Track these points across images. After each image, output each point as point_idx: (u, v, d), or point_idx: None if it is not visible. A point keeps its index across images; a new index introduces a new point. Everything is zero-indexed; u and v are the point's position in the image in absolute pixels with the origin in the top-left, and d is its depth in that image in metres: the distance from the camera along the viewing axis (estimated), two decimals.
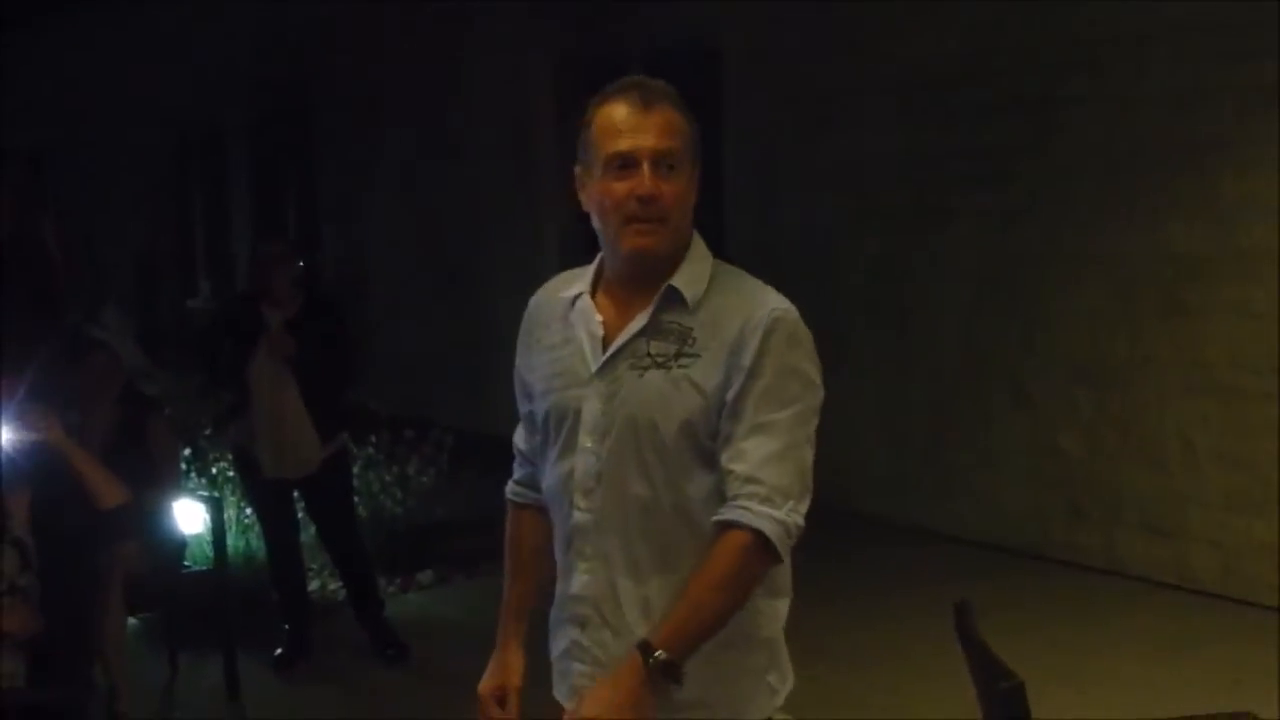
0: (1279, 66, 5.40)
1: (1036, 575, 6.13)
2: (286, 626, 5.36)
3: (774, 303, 2.20)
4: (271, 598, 5.50)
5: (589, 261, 2.36)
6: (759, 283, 2.27)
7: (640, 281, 2.20)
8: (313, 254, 11.58)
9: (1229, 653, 5.13)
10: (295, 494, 5.37)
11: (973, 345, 6.64)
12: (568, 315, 2.27)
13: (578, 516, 2.21)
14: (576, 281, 2.31)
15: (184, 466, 5.80)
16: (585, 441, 2.19)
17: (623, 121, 2.17)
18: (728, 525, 2.09)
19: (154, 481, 4.93)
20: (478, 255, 9.69)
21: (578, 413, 2.20)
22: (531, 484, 2.40)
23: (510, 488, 2.47)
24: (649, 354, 2.17)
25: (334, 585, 5.91)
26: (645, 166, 2.14)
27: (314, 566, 6.06)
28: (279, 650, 5.29)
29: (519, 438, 2.44)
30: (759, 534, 2.07)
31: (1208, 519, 5.80)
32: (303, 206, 11.84)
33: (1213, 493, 5.79)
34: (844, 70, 7.10)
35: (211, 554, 5.13)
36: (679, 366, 2.15)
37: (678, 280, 2.19)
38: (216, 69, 12.03)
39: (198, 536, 5.32)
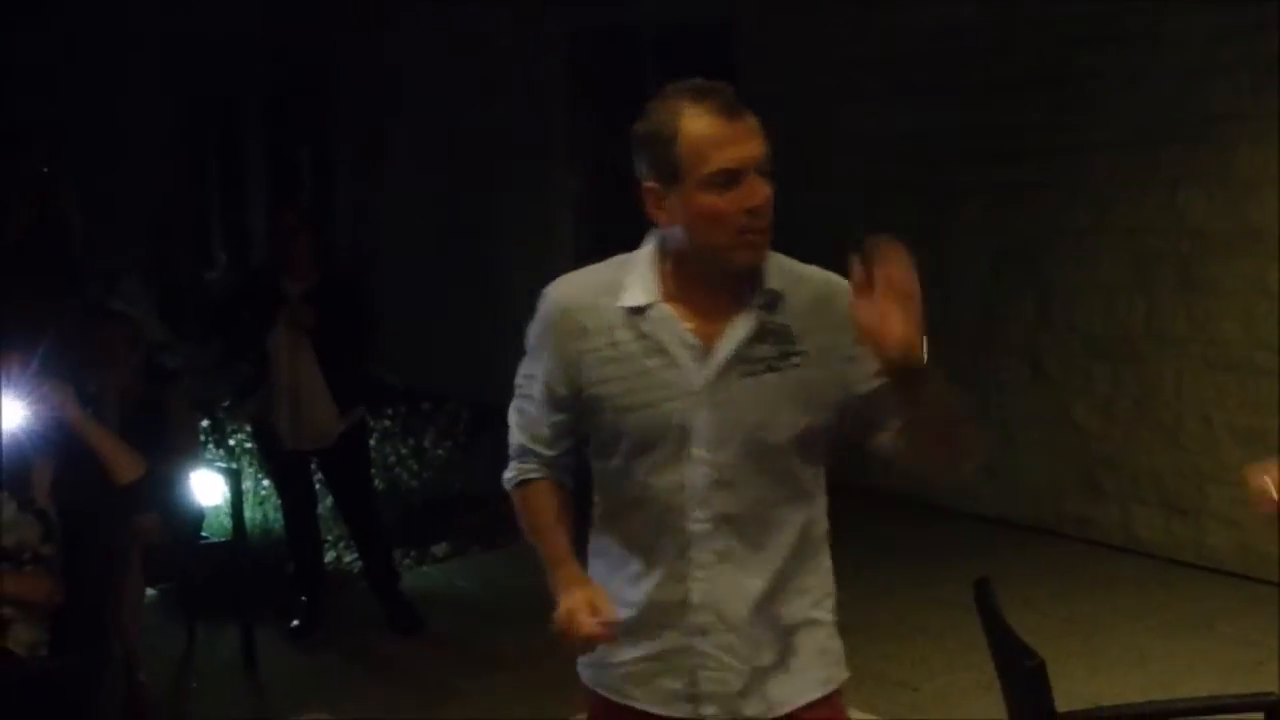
0: None
1: (1052, 551, 6.12)
2: (302, 598, 5.38)
3: (835, 278, 2.22)
4: (288, 569, 5.52)
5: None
6: (817, 268, 2.28)
7: (723, 284, 2.17)
8: (329, 226, 11.61)
9: (1247, 631, 5.11)
10: (313, 466, 5.38)
11: (989, 320, 6.61)
12: (637, 325, 2.18)
13: (696, 527, 2.18)
14: (626, 288, 2.22)
15: (202, 438, 5.82)
16: (700, 453, 2.16)
17: (719, 135, 2.11)
18: None
19: (172, 453, 4.93)
20: (493, 228, 9.68)
21: (685, 425, 2.15)
22: (552, 468, 2.34)
23: (522, 470, 2.36)
24: (759, 358, 2.15)
25: (350, 557, 5.93)
26: (752, 177, 2.11)
27: (330, 538, 6.08)
28: (295, 621, 5.32)
29: (536, 444, 2.32)
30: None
31: (1225, 496, 5.78)
32: (319, 178, 11.84)
33: (1230, 470, 5.76)
34: (857, 44, 7.06)
35: (229, 525, 5.15)
36: (791, 366, 2.15)
37: (771, 281, 2.18)
38: (234, 40, 12.00)
39: (216, 508, 5.34)
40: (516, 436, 2.35)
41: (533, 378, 2.30)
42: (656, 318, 2.17)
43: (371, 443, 6.31)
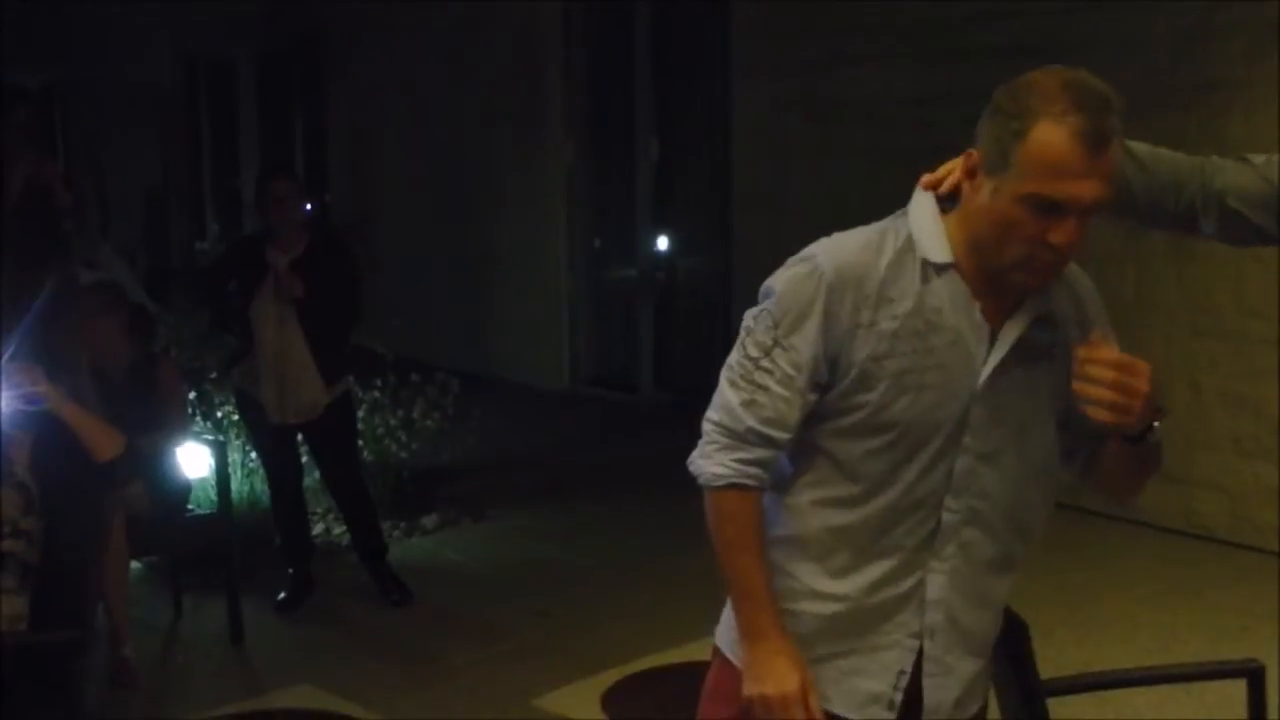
0: None
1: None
2: (290, 570, 5.37)
3: (1078, 271, 2.14)
4: (275, 541, 5.50)
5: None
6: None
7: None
8: (321, 193, 11.56)
9: (1235, 599, 5.12)
10: (299, 438, 5.35)
11: None
12: (924, 294, 2.00)
13: (948, 517, 2.06)
14: (923, 243, 2.02)
15: (190, 410, 5.79)
16: (970, 441, 2.03)
17: (1066, 162, 1.88)
18: None
19: (160, 424, 4.92)
20: (486, 197, 9.65)
21: (964, 411, 2.02)
22: (768, 466, 2.09)
23: (741, 470, 2.07)
24: (1038, 344, 2.03)
25: (338, 529, 5.91)
26: (1074, 220, 1.90)
27: (318, 510, 6.07)
28: (282, 594, 5.30)
29: (776, 430, 2.06)
30: None
31: (1215, 463, 5.78)
32: (311, 145, 11.79)
33: (1220, 437, 5.76)
34: (853, 10, 7.02)
35: (216, 498, 5.12)
36: (1059, 354, 2.04)
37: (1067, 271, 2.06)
38: (228, 4, 11.93)
39: (202, 480, 5.31)
40: (743, 420, 2.05)
41: (784, 349, 2.03)
42: (947, 289, 2.00)
43: (361, 414, 6.29)
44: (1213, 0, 5.59)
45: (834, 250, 2.05)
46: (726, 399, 2.08)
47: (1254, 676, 2.49)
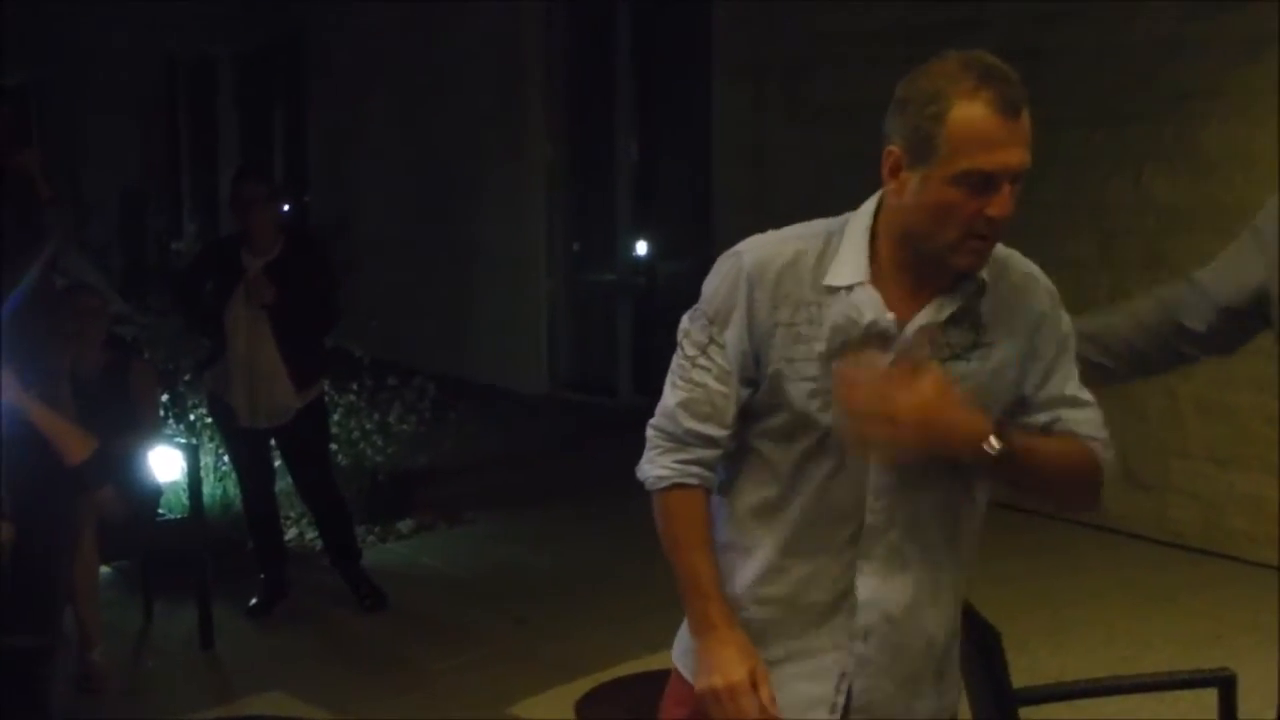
0: (1263, 15, 5.35)
1: (1018, 527, 6.09)
2: (262, 575, 5.34)
3: (1044, 280, 2.14)
4: (247, 546, 5.47)
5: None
6: (1018, 254, 2.16)
7: (936, 269, 2.01)
8: (300, 194, 11.52)
9: (1209, 606, 5.13)
10: (271, 442, 5.32)
11: None
12: (844, 308, 2.01)
13: (871, 519, 2.05)
14: (832, 261, 2.04)
15: (162, 413, 5.75)
16: None
17: (989, 133, 1.92)
18: (1086, 438, 2.13)
19: (132, 427, 4.88)
20: (465, 197, 9.63)
21: None
22: (710, 465, 2.11)
23: (681, 469, 2.10)
24: (947, 344, 2.02)
25: (311, 534, 5.88)
26: (1006, 187, 1.94)
27: (292, 515, 6.04)
28: (254, 599, 5.27)
29: (706, 425, 2.08)
30: (1101, 469, 2.16)
31: (1189, 471, 5.79)
32: (291, 145, 11.76)
33: (1194, 445, 5.78)
34: (834, 11, 7.02)
35: (188, 502, 5.09)
36: (977, 358, 2.03)
37: (985, 272, 2.03)
38: (208, 1, 11.88)
39: (174, 484, 5.28)
40: (680, 421, 2.09)
41: (717, 346, 2.07)
42: (862, 299, 2.01)
43: (336, 417, 6.27)
44: (1188, 12, 5.60)
45: (757, 246, 2.08)
46: (666, 402, 2.12)
47: (1225, 685, 2.49)
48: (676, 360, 2.13)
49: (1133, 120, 5.79)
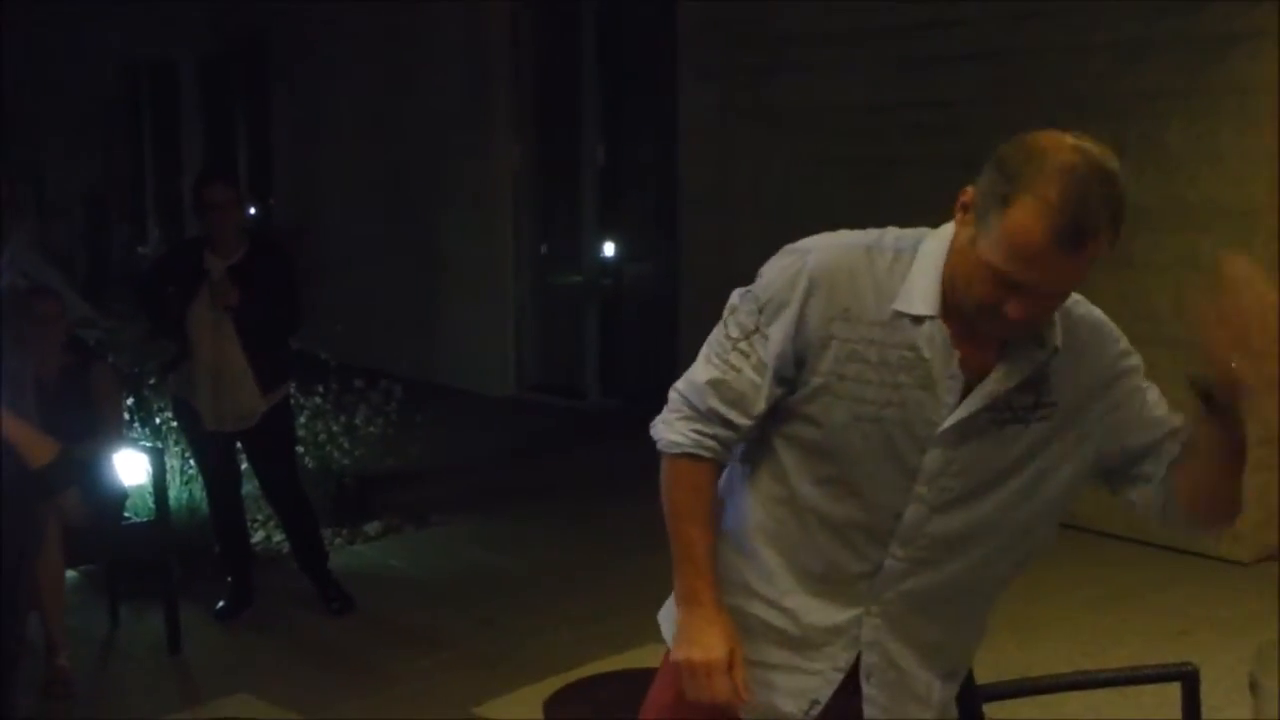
0: (1229, 15, 5.39)
1: None
2: (229, 578, 5.31)
3: (1111, 328, 2.10)
4: (214, 549, 5.44)
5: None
6: (1084, 303, 2.07)
7: None
8: (264, 196, 11.47)
9: (1174, 602, 5.17)
10: (237, 445, 5.29)
11: None
12: (905, 333, 1.94)
13: (890, 563, 2.02)
14: (905, 286, 1.95)
15: (127, 416, 5.72)
16: (923, 490, 1.98)
17: (1037, 255, 1.79)
18: None
19: (95, 431, 4.85)
20: (433, 201, 9.61)
21: (918, 458, 1.96)
22: (728, 445, 2.07)
23: (697, 440, 2.05)
24: (1010, 406, 1.95)
25: (278, 537, 5.85)
26: (1034, 300, 1.85)
27: (258, 518, 6.01)
28: (221, 602, 5.24)
29: (731, 410, 2.03)
30: None
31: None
32: (255, 148, 11.70)
33: None
34: (802, 15, 7.04)
35: (153, 505, 5.05)
36: (1037, 419, 1.97)
37: (1051, 331, 1.96)
38: (170, 4, 11.81)
39: (140, 487, 5.24)
40: (706, 398, 2.03)
41: (761, 336, 2.00)
42: (930, 335, 1.93)
43: (302, 420, 6.24)
44: (1154, 11, 5.64)
45: (825, 249, 2.00)
46: (697, 373, 2.06)
47: (1188, 680, 2.51)
48: (717, 335, 2.07)
49: (1099, 120, 5.81)
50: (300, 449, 5.93)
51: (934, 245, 1.97)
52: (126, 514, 5.20)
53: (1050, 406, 1.98)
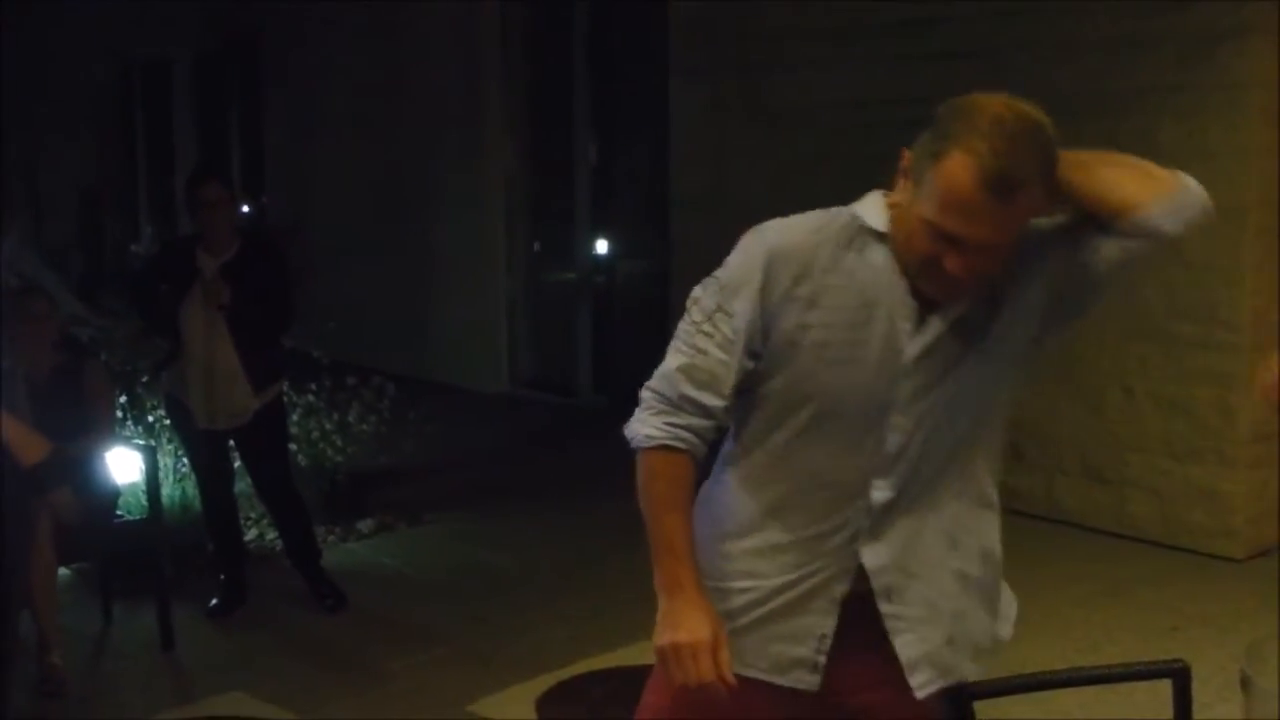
0: (1219, 12, 5.40)
1: None
2: (222, 576, 5.31)
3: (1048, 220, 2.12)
4: (207, 547, 5.44)
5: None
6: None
7: None
8: (257, 195, 11.46)
9: (1166, 599, 5.18)
10: (230, 443, 5.29)
11: None
12: (856, 268, 2.03)
13: (877, 495, 2.08)
14: (867, 214, 2.06)
15: (120, 414, 5.71)
16: (898, 419, 2.04)
17: (965, 201, 1.87)
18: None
19: (88, 429, 4.84)
20: (425, 199, 9.61)
21: (890, 390, 2.03)
22: (703, 435, 2.11)
23: (671, 432, 2.09)
24: (971, 320, 2.03)
25: (271, 534, 5.85)
26: (965, 248, 1.91)
27: (251, 515, 6.01)
28: (214, 600, 5.24)
29: (704, 393, 2.08)
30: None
31: (1146, 465, 5.85)
32: (247, 147, 11.69)
33: (1151, 439, 5.83)
34: (792, 12, 7.04)
35: (146, 503, 5.05)
36: (1000, 324, 2.05)
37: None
38: (165, 3, 11.79)
39: (133, 485, 5.24)
40: (677, 385, 2.09)
41: (724, 314, 2.07)
42: (879, 262, 2.02)
43: (295, 418, 6.24)
44: (1145, 7, 5.65)
45: (782, 225, 2.10)
46: (666, 365, 2.12)
47: (1179, 677, 2.51)
48: (683, 326, 2.13)
49: (1091, 117, 5.82)
50: (293, 447, 5.93)
51: (871, 196, 2.11)
52: (119, 512, 5.19)
53: (1000, 304, 2.05)
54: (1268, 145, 5.46)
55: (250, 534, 5.94)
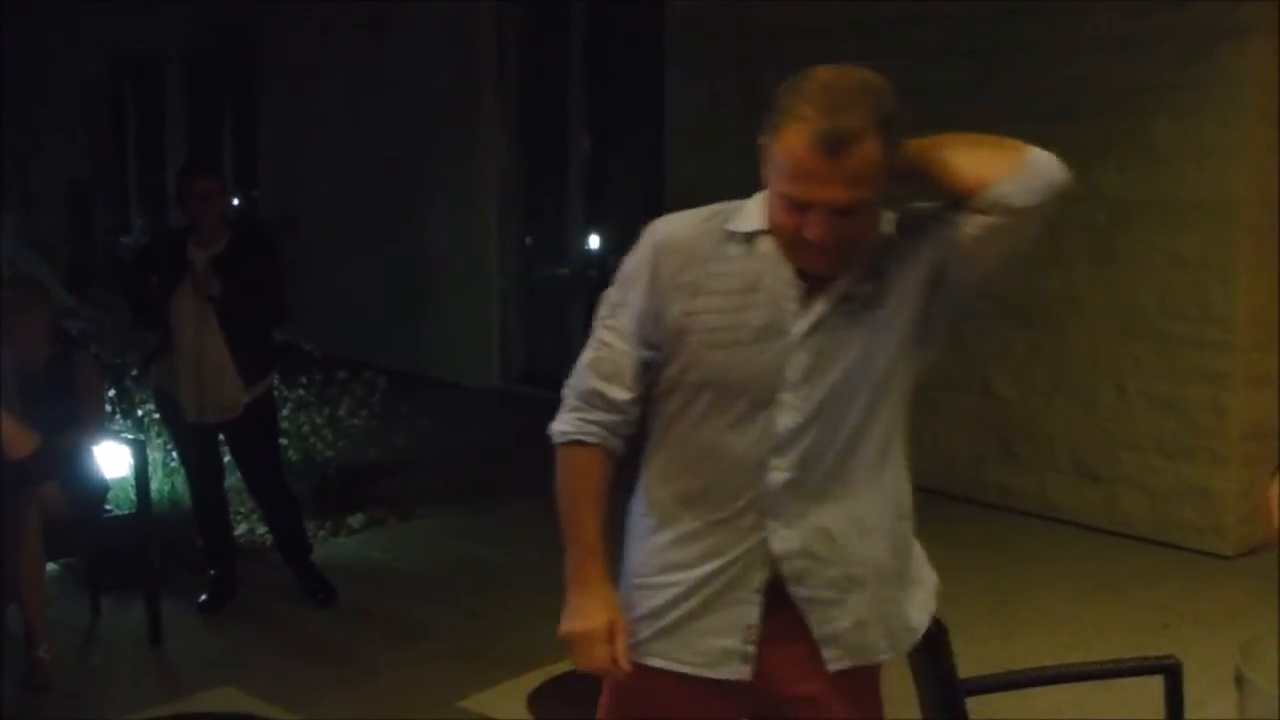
0: (1215, 11, 5.40)
1: (971, 518, 6.16)
2: (211, 571, 5.28)
3: (905, 212, 2.17)
4: (196, 542, 5.41)
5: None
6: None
7: None
8: (248, 188, 11.43)
9: (1157, 596, 5.18)
10: (220, 437, 5.27)
11: None
12: (741, 256, 2.10)
13: (775, 476, 2.10)
14: (737, 217, 2.13)
15: (109, 408, 5.69)
16: (789, 397, 2.07)
17: (803, 166, 1.95)
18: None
19: (77, 422, 4.82)
20: (418, 194, 9.58)
21: (778, 369, 2.06)
22: (614, 430, 2.20)
23: (581, 427, 2.20)
24: (857, 296, 2.07)
25: (262, 529, 5.83)
26: (819, 213, 1.97)
27: (241, 510, 5.99)
28: (204, 595, 5.22)
29: (607, 385, 2.18)
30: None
31: (1138, 462, 5.85)
32: (239, 140, 11.66)
33: (1143, 436, 5.83)
34: (788, 9, 7.02)
35: (135, 497, 5.03)
36: (882, 305, 2.08)
37: (885, 226, 2.10)
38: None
39: (122, 479, 5.22)
40: (586, 379, 2.20)
41: (622, 306, 2.18)
42: (762, 251, 2.08)
43: (286, 412, 6.22)
44: (1142, 6, 5.64)
45: (671, 218, 2.19)
46: (579, 361, 2.23)
47: (1171, 673, 2.51)
48: (595, 323, 2.23)
49: (1086, 115, 5.82)
50: (283, 441, 5.91)
51: (761, 194, 2.16)
52: (108, 506, 5.17)
53: (886, 282, 2.08)
54: (1264, 144, 5.45)
55: (240, 529, 5.92)
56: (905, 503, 2.25)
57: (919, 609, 2.29)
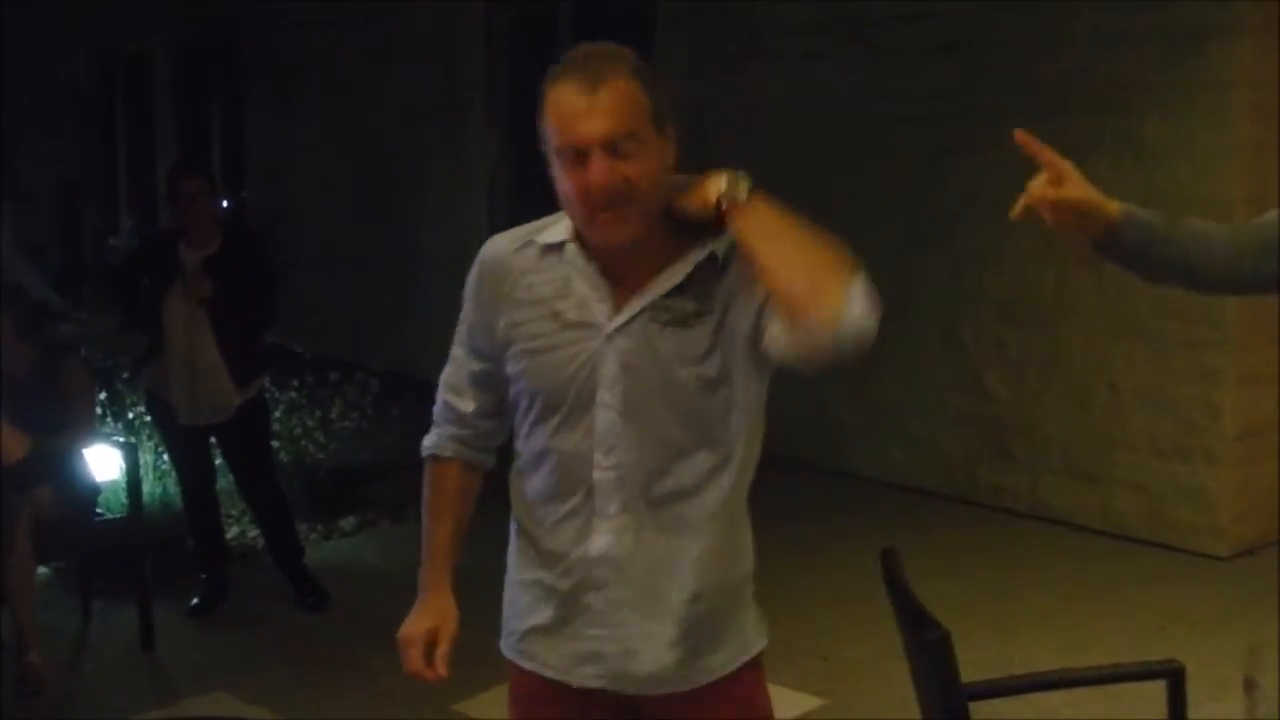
0: (1205, 10, 5.40)
1: (965, 519, 6.15)
2: (203, 574, 5.26)
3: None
4: (188, 545, 5.39)
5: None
6: None
7: (666, 233, 2.10)
8: (238, 189, 11.40)
9: (1153, 598, 5.17)
10: (211, 440, 5.24)
11: (902, 286, 6.61)
12: (552, 265, 2.14)
13: (600, 475, 2.12)
14: (548, 230, 2.17)
15: (99, 411, 5.66)
16: (605, 397, 2.10)
17: (569, 109, 2.01)
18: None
19: (67, 426, 4.79)
20: (409, 193, 9.55)
21: (592, 369, 2.10)
22: (468, 443, 2.32)
23: (437, 442, 2.33)
24: (669, 309, 2.08)
25: (253, 532, 5.81)
26: (595, 155, 2.00)
27: (233, 513, 5.96)
28: (195, 598, 5.20)
29: (455, 398, 2.30)
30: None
31: (1133, 463, 5.84)
32: (229, 140, 11.62)
33: (1137, 437, 5.82)
34: (775, 8, 7.01)
35: (126, 501, 5.01)
36: (701, 323, 2.08)
37: (719, 245, 2.09)
38: None
39: (113, 483, 5.19)
40: (441, 393, 2.33)
41: (464, 323, 2.28)
42: (569, 256, 2.13)
43: (277, 414, 6.19)
44: (1133, 4, 5.64)
45: (495, 238, 2.24)
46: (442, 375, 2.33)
47: (1174, 677, 2.50)
48: None
49: (1076, 112, 5.82)
50: (275, 443, 5.89)
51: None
52: (99, 510, 5.15)
53: (709, 315, 2.08)
54: (1254, 142, 5.45)
55: (232, 531, 5.89)
56: (736, 568, 2.21)
57: (698, 671, 2.19)
